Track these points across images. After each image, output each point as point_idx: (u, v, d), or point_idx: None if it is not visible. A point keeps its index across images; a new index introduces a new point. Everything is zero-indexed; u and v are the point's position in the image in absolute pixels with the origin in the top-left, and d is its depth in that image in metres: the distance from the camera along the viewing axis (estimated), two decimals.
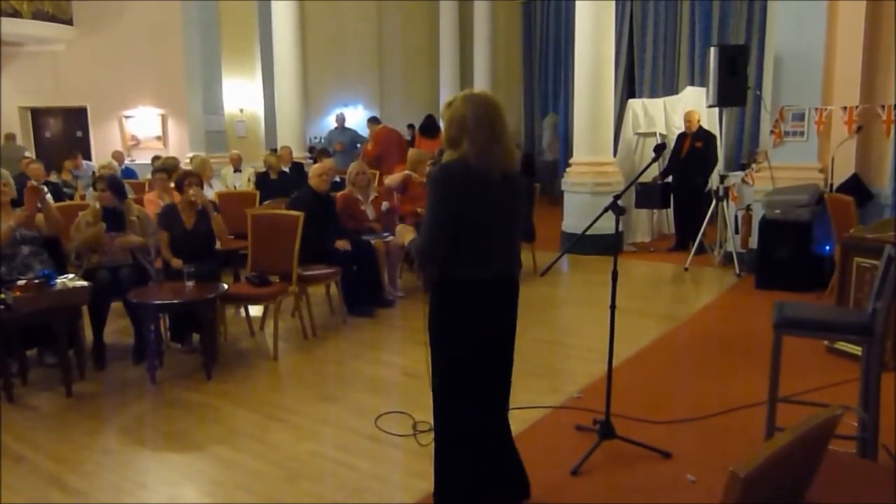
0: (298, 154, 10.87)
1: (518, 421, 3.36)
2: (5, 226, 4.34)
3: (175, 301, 4.45)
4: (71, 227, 4.84)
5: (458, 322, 2.52)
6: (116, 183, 5.10)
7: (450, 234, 2.43)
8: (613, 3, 8.24)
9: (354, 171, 6.28)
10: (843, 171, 6.45)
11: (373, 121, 10.68)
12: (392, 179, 6.90)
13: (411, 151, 7.67)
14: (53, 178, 9.18)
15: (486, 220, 2.47)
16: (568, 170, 8.59)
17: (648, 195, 8.27)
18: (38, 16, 10.86)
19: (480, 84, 14.35)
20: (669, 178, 8.31)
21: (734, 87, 6.89)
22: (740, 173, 7.49)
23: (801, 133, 6.67)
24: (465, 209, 2.42)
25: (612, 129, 8.62)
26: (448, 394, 2.58)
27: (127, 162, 11.05)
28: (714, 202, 7.36)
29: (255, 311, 5.53)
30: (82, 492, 3.08)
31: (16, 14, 10.60)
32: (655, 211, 8.96)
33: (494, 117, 2.47)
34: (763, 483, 1.24)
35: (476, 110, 2.45)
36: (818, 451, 1.48)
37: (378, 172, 8.62)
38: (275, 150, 10.21)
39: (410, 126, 11.95)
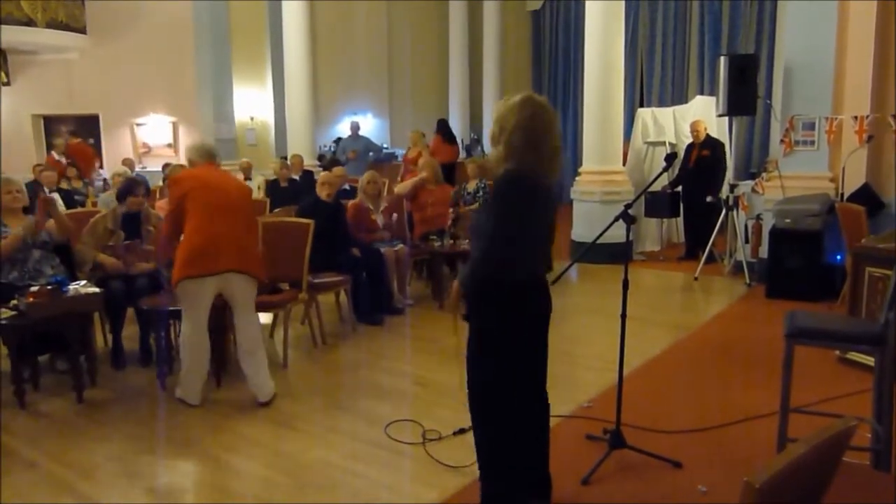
0: (309, 162, 10.91)
1: None
2: (13, 234, 4.38)
3: None
4: (84, 230, 4.86)
5: (515, 321, 2.58)
6: (147, 189, 5.21)
7: (517, 239, 2.51)
8: (623, 11, 8.25)
9: (365, 180, 6.31)
10: (854, 180, 6.42)
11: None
12: (402, 187, 6.94)
13: (422, 159, 7.71)
14: (65, 185, 9.25)
15: (543, 227, 2.59)
16: (577, 178, 8.59)
17: (658, 204, 8.27)
18: (51, 24, 10.95)
19: (489, 91, 14.42)
20: (679, 188, 8.30)
21: (744, 97, 6.88)
22: (750, 182, 7.46)
23: (812, 142, 6.65)
24: (530, 216, 2.51)
25: (622, 137, 8.62)
26: (501, 391, 2.60)
27: (138, 168, 11.12)
28: (724, 211, 7.34)
29: (265, 318, 5.54)
30: (93, 498, 3.10)
31: (30, 23, 10.70)
32: (665, 220, 8.94)
33: (557, 127, 2.58)
34: (777, 493, 1.23)
35: (546, 118, 2.51)
36: (833, 463, 1.48)
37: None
38: (285, 159, 10.26)
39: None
